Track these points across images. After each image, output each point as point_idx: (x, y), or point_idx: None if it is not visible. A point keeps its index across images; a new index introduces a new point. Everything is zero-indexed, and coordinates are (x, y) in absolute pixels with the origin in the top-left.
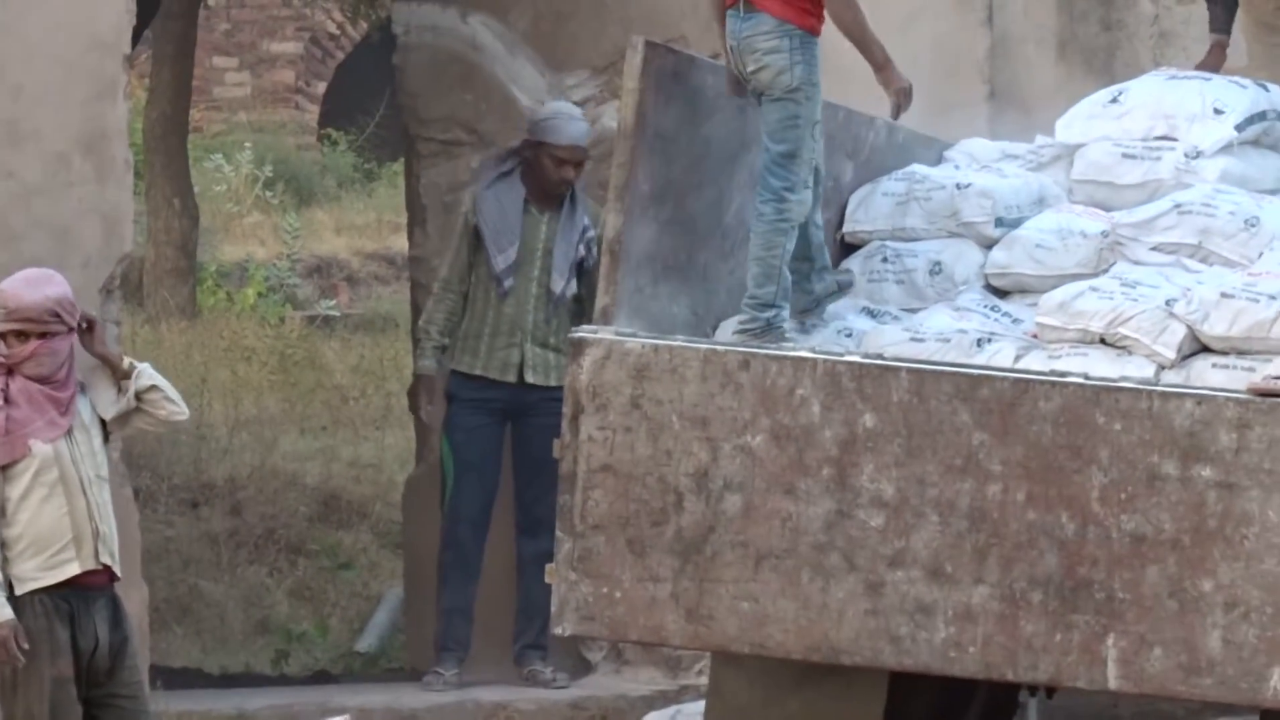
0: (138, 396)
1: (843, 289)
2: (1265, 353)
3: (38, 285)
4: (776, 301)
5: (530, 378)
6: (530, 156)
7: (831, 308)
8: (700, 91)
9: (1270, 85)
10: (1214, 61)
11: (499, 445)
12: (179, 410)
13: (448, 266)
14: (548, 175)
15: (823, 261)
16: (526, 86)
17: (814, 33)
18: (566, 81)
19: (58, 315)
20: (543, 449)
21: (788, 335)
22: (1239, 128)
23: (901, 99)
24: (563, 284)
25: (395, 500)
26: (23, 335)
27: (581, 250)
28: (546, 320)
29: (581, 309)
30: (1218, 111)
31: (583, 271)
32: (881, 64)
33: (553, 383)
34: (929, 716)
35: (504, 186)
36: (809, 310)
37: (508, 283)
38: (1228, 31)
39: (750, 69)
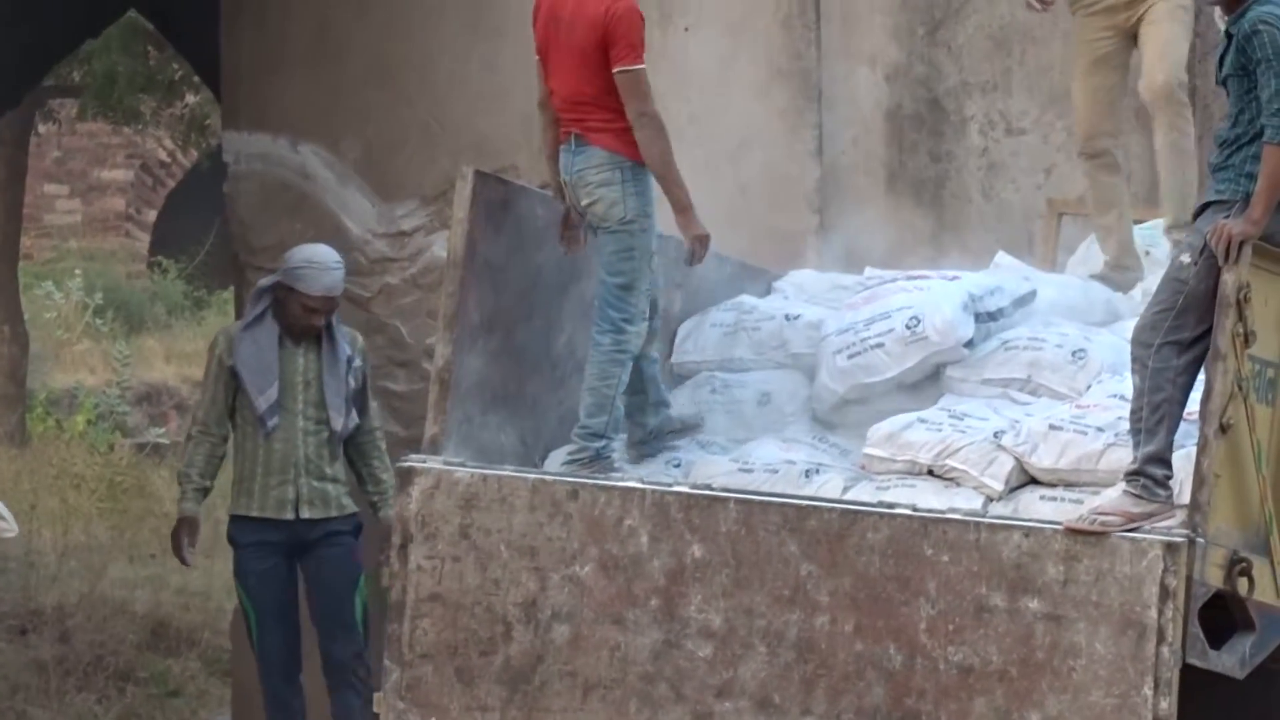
0: None
1: (686, 428)
2: (1093, 485)
3: None
4: (607, 433)
5: (306, 513)
6: (282, 298)
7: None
8: (530, 221)
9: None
10: None
11: (293, 583)
12: (9, 528)
13: (204, 410)
14: (297, 319)
15: (657, 396)
16: (357, 215)
17: (638, 160)
18: (396, 211)
19: None
20: (331, 580)
21: (616, 465)
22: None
23: (697, 247)
24: (342, 420)
25: (223, 628)
26: None
27: (351, 382)
28: (319, 453)
29: (356, 440)
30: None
31: (358, 398)
32: (683, 207)
33: (332, 514)
34: None
35: (259, 327)
36: (644, 443)
37: (272, 421)
38: None
39: (584, 202)
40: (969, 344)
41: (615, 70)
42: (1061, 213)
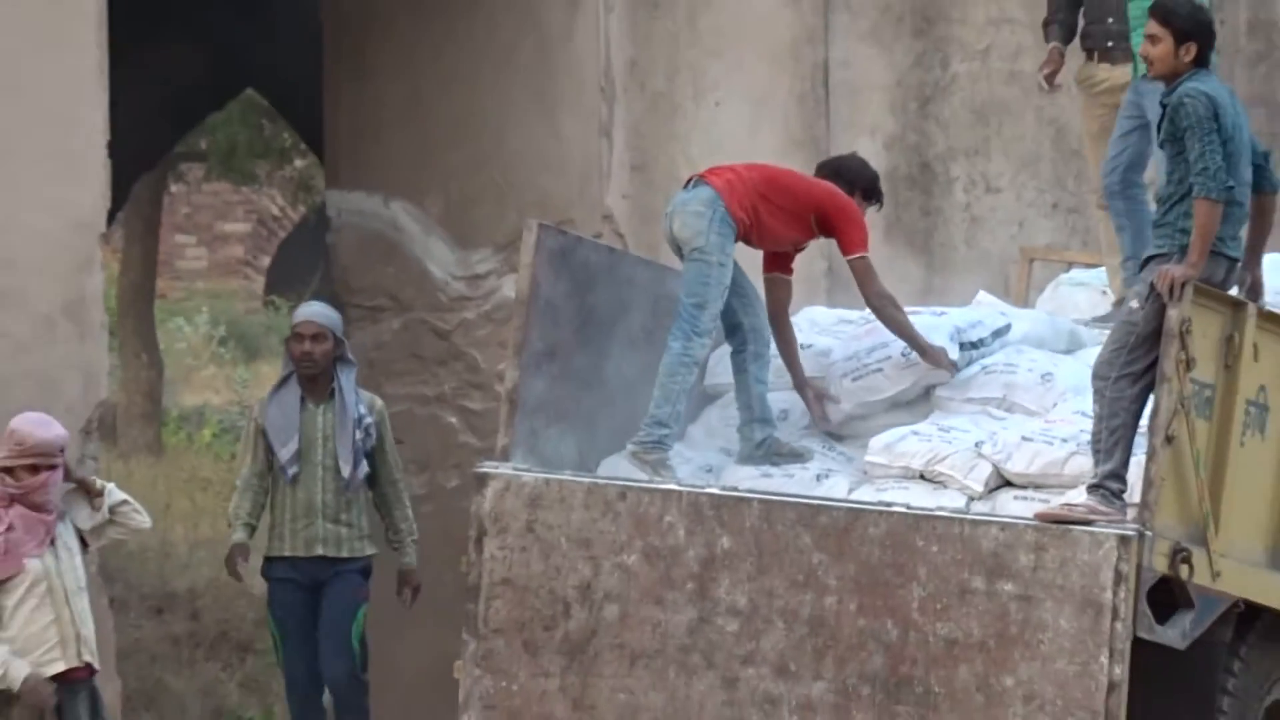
0: (111, 510)
1: (796, 456)
2: (1059, 487)
3: (47, 426)
4: (669, 422)
5: (322, 550)
6: (289, 345)
7: (691, 450)
8: (585, 266)
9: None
10: (1054, 63)
11: (314, 612)
12: (144, 520)
13: (246, 467)
14: (292, 352)
15: (763, 414)
16: (439, 261)
17: (739, 224)
18: (472, 257)
19: (62, 450)
20: (330, 610)
21: (670, 451)
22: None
23: (939, 363)
24: (349, 469)
25: None
26: (35, 469)
27: (360, 435)
28: (336, 501)
29: (377, 490)
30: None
31: (370, 454)
32: (923, 350)
33: (344, 554)
34: None
35: (283, 392)
36: (750, 458)
37: (292, 470)
38: (1065, 41)
39: (675, 227)
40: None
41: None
42: (1032, 259)
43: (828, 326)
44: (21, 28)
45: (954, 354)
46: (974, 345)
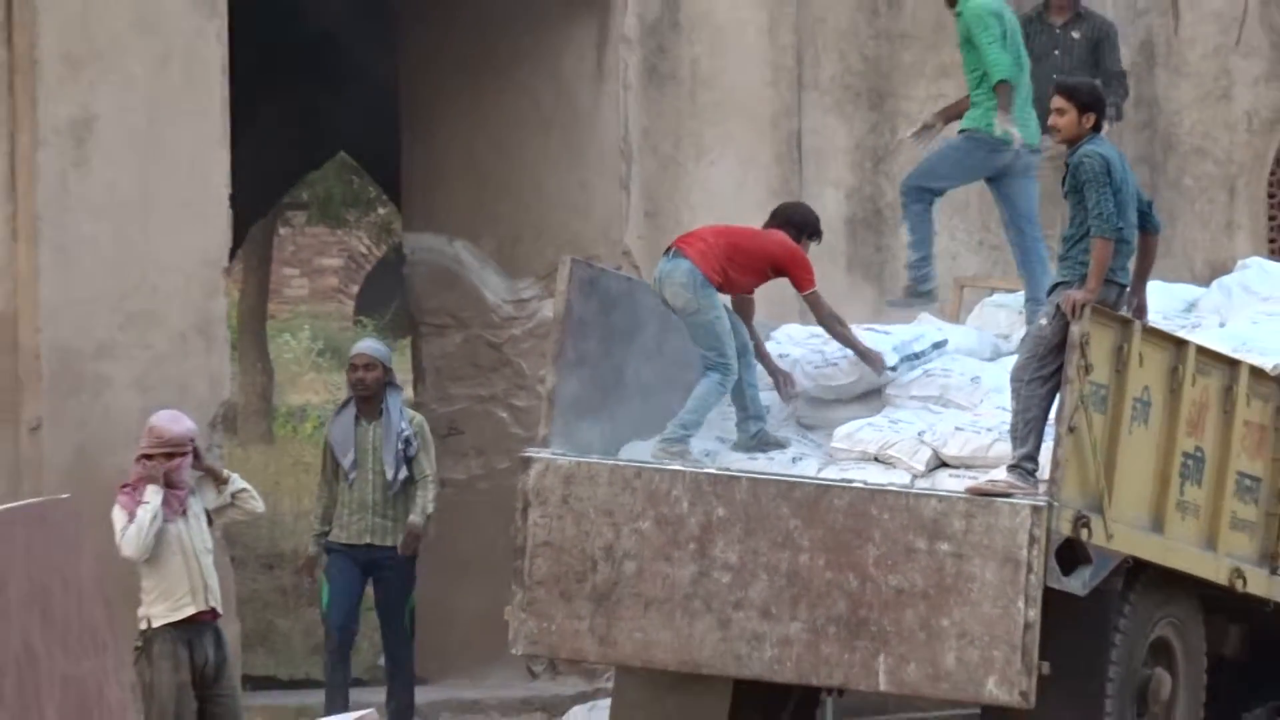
0: (232, 495)
1: (779, 444)
2: (985, 466)
3: (178, 421)
4: (692, 429)
5: (370, 539)
6: (348, 375)
7: (696, 440)
8: (608, 292)
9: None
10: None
11: (359, 580)
12: (259, 506)
13: (320, 478)
14: (349, 379)
15: (755, 411)
16: (492, 289)
17: (714, 284)
18: (519, 285)
19: (191, 440)
20: (389, 596)
21: (689, 449)
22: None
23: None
24: (393, 473)
25: None
26: (169, 455)
27: (401, 446)
28: (383, 499)
29: (413, 487)
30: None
31: (409, 459)
32: (861, 352)
33: (389, 543)
34: (760, 710)
35: (342, 414)
36: (744, 447)
37: (352, 475)
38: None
39: (667, 295)
40: (894, 369)
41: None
42: (963, 286)
43: (801, 340)
44: (163, 106)
45: (892, 361)
46: (917, 355)
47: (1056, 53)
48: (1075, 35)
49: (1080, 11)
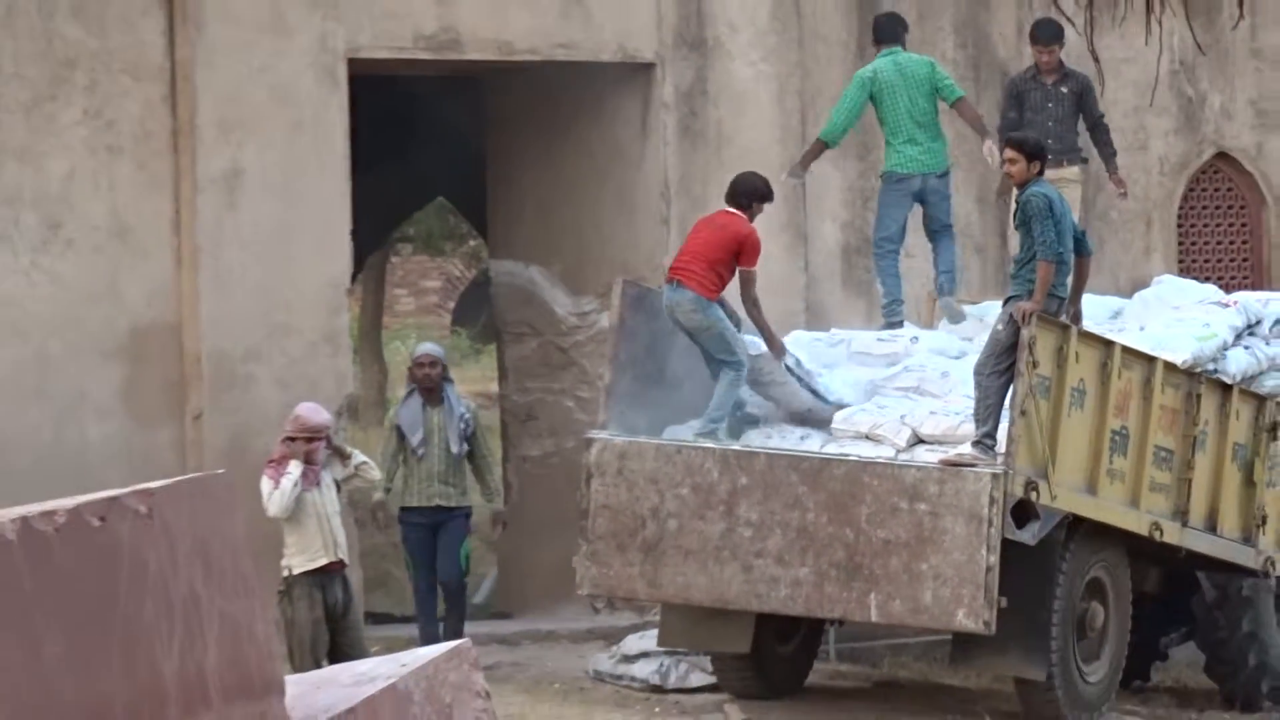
0: (355, 467)
1: (756, 420)
2: (954, 443)
3: (317, 412)
4: (721, 419)
5: (439, 502)
6: (412, 370)
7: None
8: (653, 307)
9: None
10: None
11: (432, 543)
12: (376, 474)
13: (382, 451)
14: (414, 375)
15: (742, 411)
16: (560, 305)
17: (714, 297)
18: (581, 301)
19: (328, 427)
20: (447, 540)
21: (720, 436)
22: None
23: (778, 353)
24: (458, 447)
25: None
26: (309, 439)
27: (462, 425)
28: (447, 470)
29: (474, 462)
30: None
31: (469, 438)
32: (772, 343)
33: (452, 505)
34: (776, 637)
35: (409, 403)
36: (736, 429)
37: (420, 450)
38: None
39: (680, 320)
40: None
41: (741, 269)
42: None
43: (803, 344)
44: (297, 161)
45: (849, 399)
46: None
47: (1050, 105)
48: (1064, 90)
49: (1066, 71)
